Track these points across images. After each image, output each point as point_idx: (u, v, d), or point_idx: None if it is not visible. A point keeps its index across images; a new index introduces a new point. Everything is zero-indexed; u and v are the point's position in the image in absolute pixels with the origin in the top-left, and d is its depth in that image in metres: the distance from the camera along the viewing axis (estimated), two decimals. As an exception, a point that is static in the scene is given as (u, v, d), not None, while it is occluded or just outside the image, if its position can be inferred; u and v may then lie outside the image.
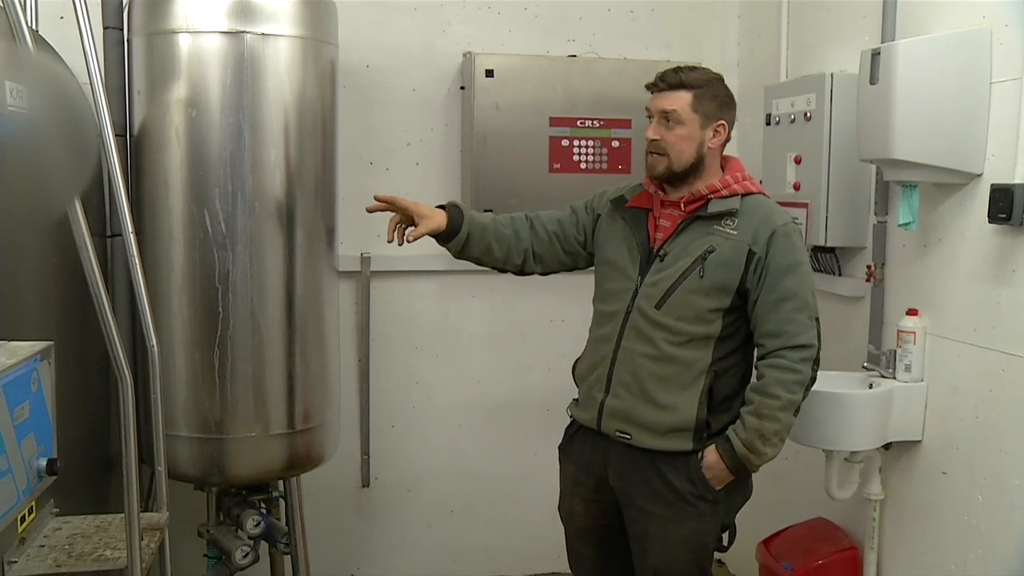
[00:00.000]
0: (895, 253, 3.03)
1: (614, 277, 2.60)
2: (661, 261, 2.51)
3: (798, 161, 3.26)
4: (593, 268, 2.72)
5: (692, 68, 2.53)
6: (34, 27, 2.69)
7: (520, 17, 3.79)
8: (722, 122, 2.51)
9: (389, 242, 2.63)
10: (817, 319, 2.47)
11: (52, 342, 1.98)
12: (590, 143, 3.68)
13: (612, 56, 3.76)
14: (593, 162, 3.69)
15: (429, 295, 3.82)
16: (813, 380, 2.46)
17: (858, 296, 3.19)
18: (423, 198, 3.62)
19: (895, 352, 2.89)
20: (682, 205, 2.51)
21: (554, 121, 3.65)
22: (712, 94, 2.50)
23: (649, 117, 2.53)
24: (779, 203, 3.37)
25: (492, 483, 3.94)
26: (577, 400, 2.71)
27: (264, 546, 3.19)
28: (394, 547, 3.95)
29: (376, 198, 2.62)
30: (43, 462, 1.88)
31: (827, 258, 3.31)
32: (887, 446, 2.91)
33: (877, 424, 2.84)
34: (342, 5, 3.02)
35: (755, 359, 2.54)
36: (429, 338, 3.84)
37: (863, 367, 3.02)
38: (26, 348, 1.88)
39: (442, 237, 2.63)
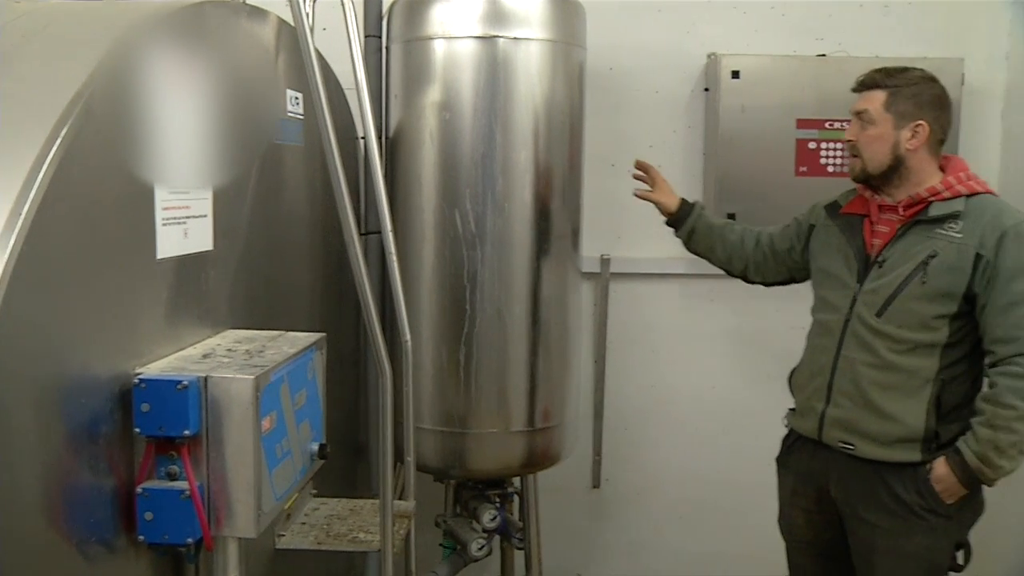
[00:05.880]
0: None
1: (830, 285, 2.59)
2: (880, 267, 2.47)
3: (1079, 163, 3.00)
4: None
5: (901, 69, 2.49)
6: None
7: (767, 16, 3.69)
8: (920, 122, 2.43)
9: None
10: None
11: (324, 334, 2.10)
12: (839, 146, 3.53)
13: (864, 55, 3.58)
14: (841, 165, 3.54)
15: (668, 298, 3.78)
16: None
17: None
18: (664, 200, 3.64)
19: None
20: (900, 209, 2.46)
21: (801, 123, 3.52)
22: (910, 93, 2.45)
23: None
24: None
25: (725, 490, 3.85)
26: (794, 410, 2.71)
27: (495, 540, 3.25)
28: (623, 549, 3.95)
29: (637, 164, 3.02)
30: (315, 446, 2.00)
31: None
32: None
33: None
34: (587, 7, 3.03)
35: (985, 367, 2.43)
36: (666, 342, 3.80)
37: None
38: (304, 339, 2.00)
39: (670, 222, 2.95)
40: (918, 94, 2.45)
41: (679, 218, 2.92)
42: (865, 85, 2.51)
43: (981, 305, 2.36)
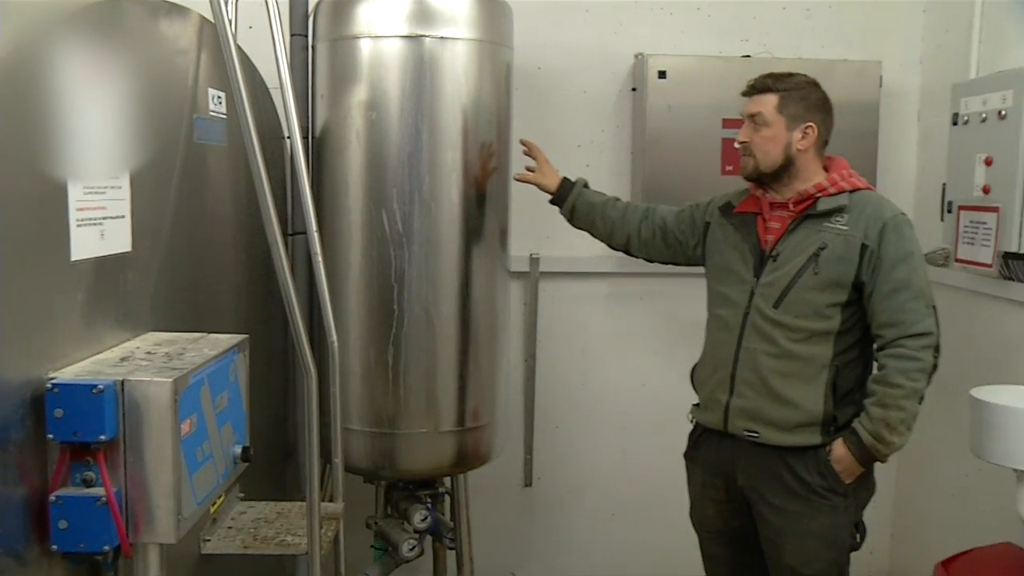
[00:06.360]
0: (1100, 262, 2.84)
1: (729, 281, 2.69)
2: (774, 261, 2.59)
3: (989, 163, 3.11)
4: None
5: (789, 74, 2.64)
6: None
7: (693, 17, 3.74)
8: (810, 124, 2.59)
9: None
10: (934, 307, 2.52)
11: (247, 335, 2.08)
12: (763, 145, 3.59)
13: (787, 56, 3.65)
14: (766, 164, 3.60)
15: (597, 297, 3.81)
16: (935, 367, 2.51)
17: (1054, 307, 3.00)
18: (593, 200, 3.66)
19: (1100, 367, 2.71)
20: (791, 206, 2.61)
21: (727, 123, 3.57)
22: (799, 97, 2.60)
23: (742, 121, 2.67)
24: (965, 207, 3.23)
25: (656, 487, 3.87)
26: (698, 405, 2.81)
27: (427, 540, 3.24)
28: (554, 547, 3.97)
29: (522, 141, 3.04)
30: (238, 449, 1.97)
31: (1020, 265, 3.12)
32: (1090, 470, 2.72)
33: (1079, 445, 2.66)
34: (515, 7, 3.04)
35: (874, 351, 2.57)
36: (596, 340, 3.83)
37: (1062, 382, 2.83)
38: (225, 340, 1.98)
39: (552, 201, 3.03)
40: (807, 97, 2.61)
41: (560, 197, 3.00)
42: (756, 89, 2.63)
43: (868, 292, 2.52)
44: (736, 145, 2.68)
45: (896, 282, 2.49)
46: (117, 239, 1.89)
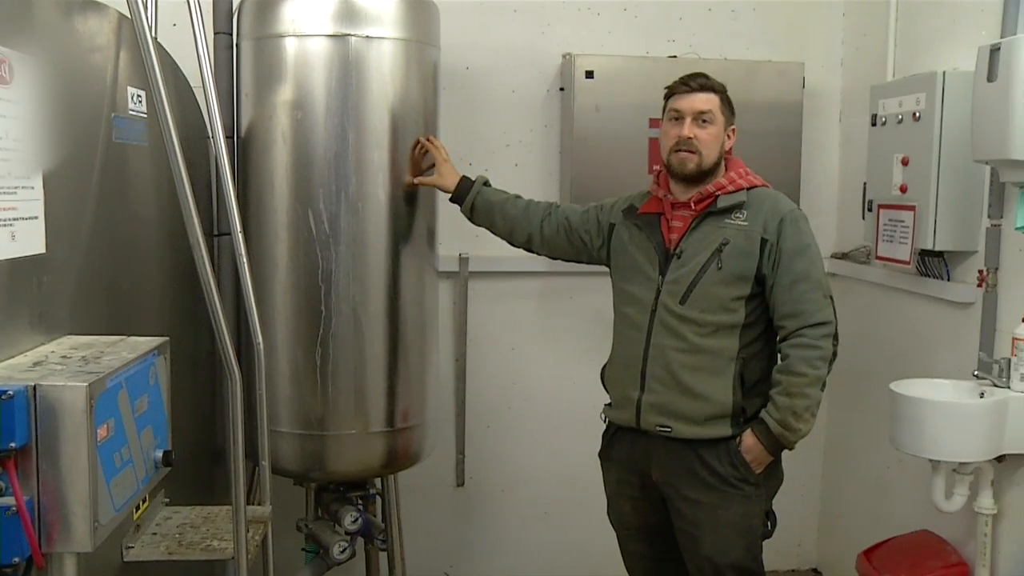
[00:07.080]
0: (1010, 258, 2.93)
1: (636, 280, 2.73)
2: (679, 258, 2.64)
3: (905, 163, 3.19)
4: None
5: (708, 75, 2.70)
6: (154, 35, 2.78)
7: (620, 18, 3.78)
8: (734, 127, 2.72)
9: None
10: (831, 297, 2.61)
11: (168, 338, 2.05)
12: (690, 145, 3.63)
13: (713, 56, 3.71)
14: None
15: (527, 296, 3.82)
16: (835, 355, 2.59)
17: (968, 302, 3.09)
18: (522, 199, 3.68)
19: (1010, 361, 2.79)
20: (692, 204, 2.66)
21: (654, 122, 3.56)
22: (728, 100, 2.70)
23: (677, 118, 2.66)
24: (884, 206, 3.32)
25: (587, 485, 3.88)
26: (610, 404, 2.84)
27: (360, 542, 3.23)
28: (487, 547, 3.97)
29: (423, 139, 2.92)
30: (159, 453, 1.94)
31: (935, 262, 3.22)
32: (1000, 458, 2.81)
33: (989, 435, 2.75)
34: (442, 7, 3.04)
35: (777, 342, 2.64)
36: (526, 339, 3.85)
37: (974, 375, 2.91)
38: (144, 343, 1.94)
39: (452, 199, 2.98)
40: (731, 102, 2.71)
41: (459, 196, 2.97)
42: (701, 87, 2.66)
43: (769, 285, 2.60)
44: (673, 143, 2.65)
45: (796, 274, 2.57)
46: (30, 240, 1.84)
